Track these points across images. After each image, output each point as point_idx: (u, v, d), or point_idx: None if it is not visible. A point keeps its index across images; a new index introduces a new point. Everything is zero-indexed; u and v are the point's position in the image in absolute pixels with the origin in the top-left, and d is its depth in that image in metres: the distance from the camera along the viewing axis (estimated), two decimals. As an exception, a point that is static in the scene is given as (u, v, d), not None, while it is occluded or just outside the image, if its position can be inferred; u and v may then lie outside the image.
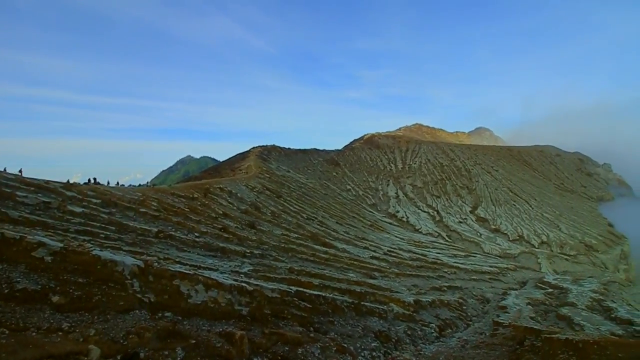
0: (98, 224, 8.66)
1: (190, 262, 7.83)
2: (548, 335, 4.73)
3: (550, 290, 15.45)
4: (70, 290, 3.88)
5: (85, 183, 15.39)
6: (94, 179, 18.45)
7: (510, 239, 38.61)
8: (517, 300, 12.87)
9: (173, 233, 10.22)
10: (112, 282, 4.28)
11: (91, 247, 4.78)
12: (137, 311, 4.15)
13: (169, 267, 4.99)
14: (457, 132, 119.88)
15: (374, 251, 18.95)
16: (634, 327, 9.99)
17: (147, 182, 29.09)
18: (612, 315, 11.25)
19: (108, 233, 8.18)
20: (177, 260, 7.55)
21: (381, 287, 10.91)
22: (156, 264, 4.94)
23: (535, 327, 6.84)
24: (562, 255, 35.75)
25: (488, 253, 32.89)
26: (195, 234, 11.19)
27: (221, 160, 61.65)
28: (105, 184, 17.82)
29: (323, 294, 7.35)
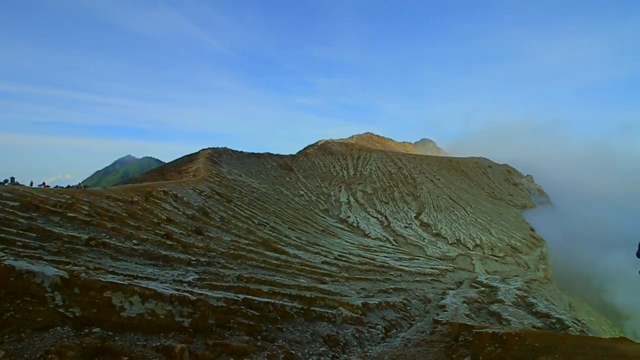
0: (15, 230, 7.59)
1: (126, 271, 7.20)
2: (478, 330, 5.18)
3: (482, 289, 16.95)
4: (-26, 308, 3.33)
5: (0, 183, 13.45)
6: (12, 178, 16.21)
7: (449, 242, 41.60)
8: (454, 299, 13.88)
9: (107, 240, 9.32)
10: (29, 296, 3.76)
11: (3, 256, 4.16)
12: (58, 328, 3.69)
13: (100, 278, 4.53)
14: (404, 142, 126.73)
15: (326, 256, 19.14)
16: (550, 320, 11.40)
17: (79, 184, 26.28)
18: (534, 310, 12.69)
19: (27, 240, 7.21)
20: (110, 270, 6.89)
21: (331, 291, 11.03)
22: (84, 274, 4.45)
23: (468, 323, 7.44)
24: (493, 257, 39.45)
25: (430, 256, 35.09)
26: (134, 241, 10.32)
27: (166, 162, 57.91)
28: (27, 184, 15.72)
29: (272, 301, 7.23)
